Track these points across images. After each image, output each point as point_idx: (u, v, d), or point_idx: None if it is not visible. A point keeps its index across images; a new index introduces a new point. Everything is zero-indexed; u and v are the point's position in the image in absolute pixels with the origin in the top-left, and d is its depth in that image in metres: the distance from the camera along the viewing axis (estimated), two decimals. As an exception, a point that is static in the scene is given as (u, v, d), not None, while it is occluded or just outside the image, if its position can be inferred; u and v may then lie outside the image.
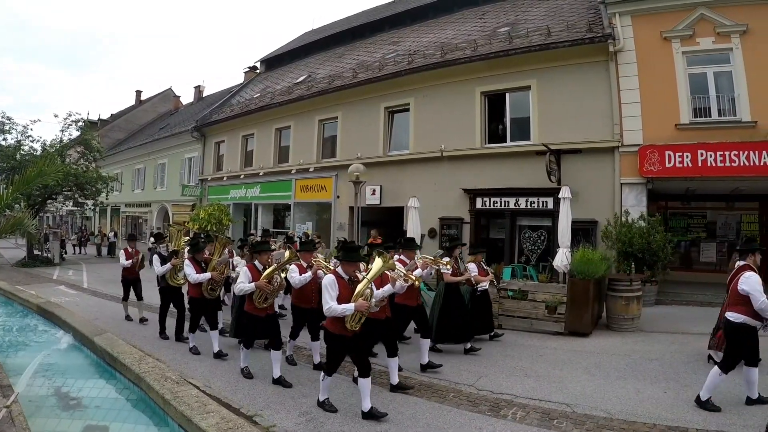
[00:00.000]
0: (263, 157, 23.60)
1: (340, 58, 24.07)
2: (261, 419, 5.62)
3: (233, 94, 29.70)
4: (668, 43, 14.01)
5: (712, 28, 13.57)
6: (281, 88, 24.49)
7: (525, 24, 17.35)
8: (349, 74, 20.36)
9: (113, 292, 15.28)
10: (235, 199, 24.94)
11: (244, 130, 25.11)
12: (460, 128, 16.39)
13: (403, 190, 16.68)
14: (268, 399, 6.31)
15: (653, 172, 13.48)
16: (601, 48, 14.30)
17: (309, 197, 21.16)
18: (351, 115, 19.73)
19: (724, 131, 13.18)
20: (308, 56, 27.88)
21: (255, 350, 8.03)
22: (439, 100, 17.08)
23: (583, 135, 14.34)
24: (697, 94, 13.75)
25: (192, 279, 8.61)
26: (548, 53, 15.06)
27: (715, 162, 12.94)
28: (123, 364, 6.77)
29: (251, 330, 7.47)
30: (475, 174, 15.82)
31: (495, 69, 16.03)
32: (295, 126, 22.10)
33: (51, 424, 5.52)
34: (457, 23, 20.92)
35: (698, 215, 16.73)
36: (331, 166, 20.05)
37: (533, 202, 14.97)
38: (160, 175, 33.40)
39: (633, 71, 14.23)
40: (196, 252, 8.90)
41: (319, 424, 5.54)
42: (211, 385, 6.73)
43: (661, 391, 6.57)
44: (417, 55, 18.54)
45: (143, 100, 48.77)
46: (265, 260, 7.54)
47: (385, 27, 24.56)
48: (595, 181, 14.08)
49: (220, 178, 26.39)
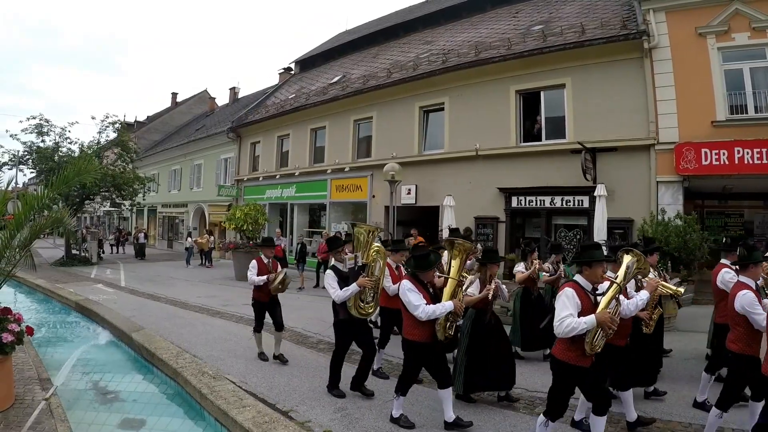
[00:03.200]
0: (298, 158, 24.00)
1: (374, 58, 24.30)
2: (296, 414, 5.67)
3: (268, 96, 30.19)
4: (703, 39, 13.81)
5: (748, 23, 13.37)
6: (316, 88, 24.84)
7: (558, 22, 17.28)
8: (383, 74, 20.56)
9: (150, 290, 15.68)
10: (270, 199, 25.39)
11: (279, 131, 25.57)
12: (494, 127, 16.42)
13: (438, 190, 16.80)
14: (304, 395, 6.34)
15: (689, 170, 13.31)
16: (636, 45, 14.20)
17: (344, 197, 21.44)
18: (386, 114, 19.94)
19: (761, 128, 12.97)
20: (342, 57, 28.20)
21: (284, 341, 8.30)
22: (473, 99, 17.14)
23: (619, 133, 14.27)
24: (733, 91, 13.54)
25: (426, 315, 5.35)
26: (582, 51, 15.02)
27: (753, 159, 12.73)
28: (160, 359, 7.04)
29: None
30: (510, 173, 15.84)
31: (529, 67, 16.04)
32: (330, 126, 22.43)
33: (89, 417, 5.66)
34: (491, 22, 20.95)
35: (735, 214, 16.42)
36: (366, 165, 20.31)
37: (569, 201, 14.93)
38: (196, 176, 34.12)
39: (668, 68, 14.06)
40: (424, 268, 5.62)
41: (354, 420, 5.58)
42: (247, 381, 6.80)
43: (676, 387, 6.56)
44: (451, 55, 18.62)
45: (179, 102, 49.81)
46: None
47: (419, 26, 24.71)
48: (630, 179, 13.99)
49: (255, 179, 26.91)
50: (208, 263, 25.09)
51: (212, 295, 14.95)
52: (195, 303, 13.30)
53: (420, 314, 5.28)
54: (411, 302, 5.34)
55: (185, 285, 17.29)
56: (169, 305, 12.93)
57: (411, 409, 5.84)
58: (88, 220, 49.53)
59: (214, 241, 27.00)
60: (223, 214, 25.48)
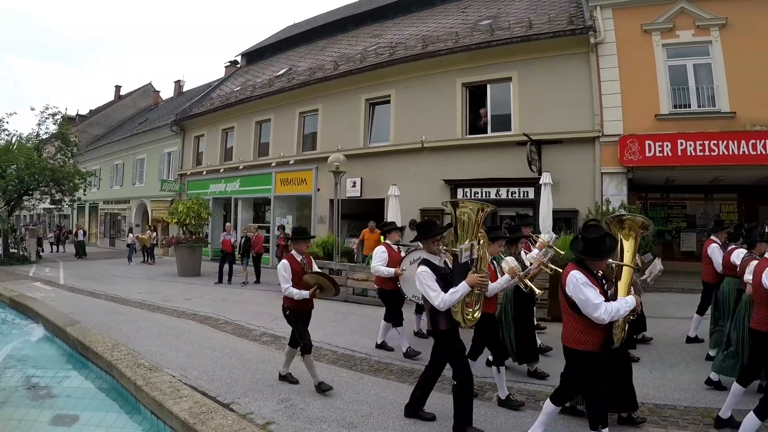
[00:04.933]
0: (243, 151, 23.33)
1: (321, 51, 23.88)
2: (238, 407, 5.46)
3: (213, 88, 29.34)
4: (648, 36, 14.22)
5: (692, 21, 13.83)
6: (262, 81, 24.23)
7: (507, 17, 17.39)
8: (330, 66, 20.18)
9: (90, 287, 15.07)
10: (214, 194, 24.59)
11: (224, 124, 24.79)
12: (441, 120, 16.36)
13: (384, 182, 16.54)
14: (246, 387, 6.13)
15: (633, 161, 13.63)
16: (582, 40, 14.47)
17: (289, 190, 20.97)
18: (332, 107, 19.58)
19: (703, 121, 13.41)
20: (290, 49, 27.63)
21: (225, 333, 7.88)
22: (420, 92, 17.04)
23: (564, 125, 14.44)
24: (676, 86, 13.96)
25: (610, 316, 4.16)
26: (529, 45, 15.17)
27: (695, 151, 13.16)
28: (95, 352, 6.64)
29: None
30: (456, 165, 15.79)
31: (476, 61, 16.09)
32: (276, 119, 21.87)
33: (19, 414, 5.38)
34: (440, 16, 20.89)
35: (678, 206, 16.95)
36: (311, 158, 19.84)
37: (514, 192, 15.02)
38: (139, 171, 32.94)
39: (613, 63, 14.39)
40: (599, 255, 4.31)
41: (299, 411, 5.39)
42: (187, 374, 6.53)
43: (648, 371, 6.57)
44: (398, 47, 18.43)
45: (122, 95, 48.11)
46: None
47: (368, 20, 24.41)
48: (575, 170, 14.16)
49: (199, 173, 26.02)
50: (150, 260, 24.16)
51: (154, 291, 14.47)
52: (136, 299, 12.89)
53: (603, 316, 4.04)
54: (590, 300, 4.07)
55: (126, 282, 16.71)
56: (108, 302, 12.48)
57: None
58: (28, 218, 47.44)
59: (157, 237, 26.07)
60: (166, 210, 24.64)
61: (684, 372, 6.56)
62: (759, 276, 4.83)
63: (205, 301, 12.62)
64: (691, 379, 6.24)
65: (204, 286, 15.64)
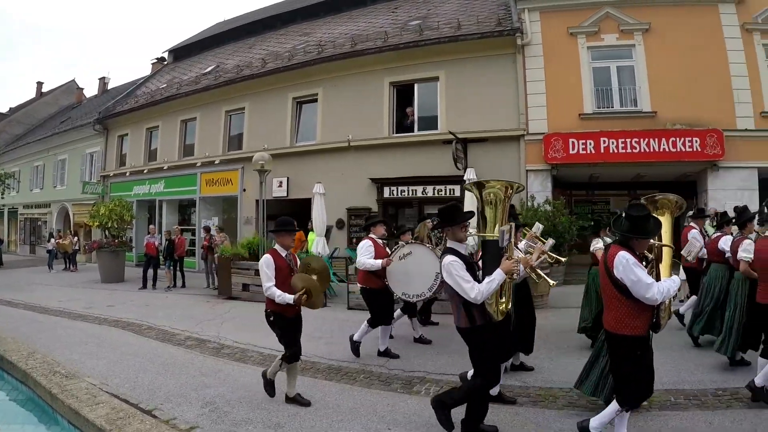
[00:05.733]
0: (168, 151, 22.43)
1: (250, 49, 23.32)
2: (161, 413, 5.25)
3: (139, 86, 28.17)
4: (574, 39, 14.73)
5: (617, 25, 14.46)
6: (188, 78, 23.41)
7: (437, 18, 17.56)
8: (258, 64, 19.72)
9: (6, 296, 14.11)
10: (138, 196, 23.53)
11: (148, 123, 23.76)
12: (368, 118, 16.29)
13: (311, 182, 16.05)
14: (170, 393, 5.89)
15: (558, 158, 14.04)
16: (509, 41, 14.77)
17: (215, 191, 20.36)
18: (258, 106, 19.11)
19: (626, 120, 14.02)
20: (218, 47, 26.85)
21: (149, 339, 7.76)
22: (347, 91, 16.90)
23: (490, 124, 14.68)
24: (600, 86, 14.49)
25: (662, 295, 4.09)
26: (457, 45, 15.36)
27: (618, 149, 13.72)
28: (9, 361, 6.41)
29: None
30: (383, 163, 15.75)
31: (404, 60, 16.15)
32: (202, 117, 21.15)
33: None
34: (370, 16, 20.83)
35: (602, 202, 17.46)
36: (237, 158, 19.26)
37: (440, 190, 15.13)
38: (60, 173, 31.14)
39: (539, 64, 14.78)
40: (645, 233, 4.19)
41: (224, 414, 5.23)
42: (108, 382, 6.23)
43: (575, 359, 6.60)
44: (327, 46, 18.21)
45: (44, 92, 45.67)
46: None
47: (298, 18, 24.03)
48: (501, 168, 14.28)
49: (123, 174, 24.84)
50: (72, 267, 22.82)
51: (75, 298, 13.70)
52: (56, 307, 12.20)
53: (656, 296, 3.83)
54: (642, 280, 3.83)
55: (46, 290, 15.79)
56: (27, 311, 11.79)
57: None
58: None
59: (79, 242, 24.73)
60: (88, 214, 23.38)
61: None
62: (766, 252, 5.21)
63: (129, 306, 12.12)
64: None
65: (127, 291, 14.97)
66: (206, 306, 12.11)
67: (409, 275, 7.05)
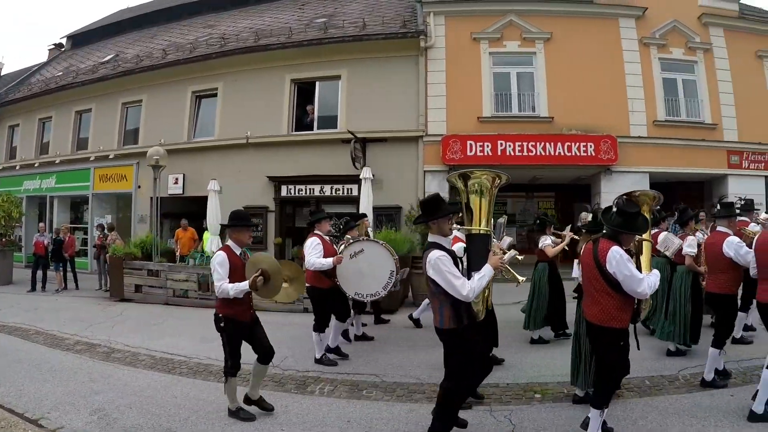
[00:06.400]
0: (61, 144, 21.04)
1: (152, 39, 22.28)
2: (47, 422, 5.09)
3: (33, 72, 26.30)
4: (477, 44, 15.12)
5: (520, 33, 15.01)
6: (86, 66, 22.07)
7: (343, 16, 17.53)
8: (158, 55, 18.89)
9: None
10: (29, 192, 21.92)
11: (41, 113, 22.20)
12: (267, 115, 16.03)
13: (207, 179, 15.53)
14: (57, 400, 5.69)
15: (455, 160, 14.32)
16: (413, 43, 14.98)
17: (109, 188, 19.33)
18: (157, 98, 18.33)
19: (523, 124, 14.57)
20: (119, 35, 25.41)
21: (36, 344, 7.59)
22: (248, 86, 16.54)
23: (390, 125, 14.84)
24: (500, 91, 14.94)
25: (651, 289, 4.29)
26: (361, 45, 15.42)
27: (515, 151, 14.25)
28: None
29: None
30: (282, 161, 15.54)
31: (307, 57, 16.03)
32: (97, 109, 20.02)
33: None
34: (276, 11, 20.47)
35: (499, 203, 17.80)
36: (132, 153, 18.37)
37: (338, 189, 15.19)
38: (-56, 166, 28.84)
39: (441, 67, 15.06)
40: (634, 229, 4.40)
41: (113, 421, 5.13)
42: None
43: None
44: (230, 39, 17.76)
45: (-70, 78, 42.26)
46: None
47: (203, 10, 23.14)
48: (399, 168, 14.58)
49: (12, 167, 23.16)
50: (-43, 270, 21.02)
51: None
52: None
53: (647, 290, 3.96)
54: (635, 276, 3.94)
55: None
56: None
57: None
58: None
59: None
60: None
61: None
62: (719, 247, 5.50)
63: (16, 310, 11.41)
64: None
65: (15, 294, 14.04)
66: (97, 308, 11.72)
67: (361, 274, 6.92)
